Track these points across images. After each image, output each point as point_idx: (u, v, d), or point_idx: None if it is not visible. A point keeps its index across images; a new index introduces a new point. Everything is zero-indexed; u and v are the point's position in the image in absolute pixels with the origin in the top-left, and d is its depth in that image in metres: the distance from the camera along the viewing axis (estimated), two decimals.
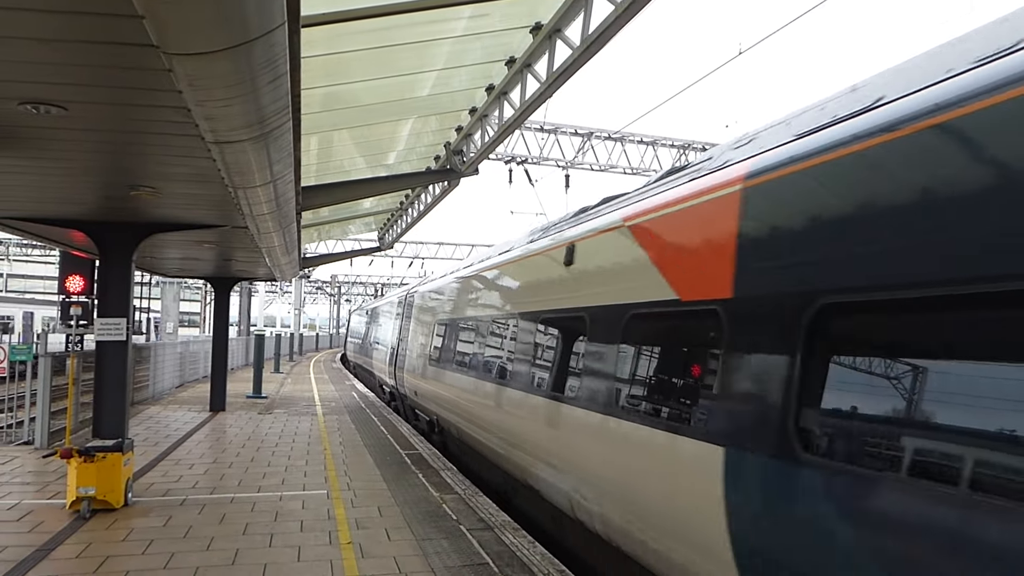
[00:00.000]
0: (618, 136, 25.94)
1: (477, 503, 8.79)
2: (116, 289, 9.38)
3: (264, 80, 4.01)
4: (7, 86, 4.34)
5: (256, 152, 5.32)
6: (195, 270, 17.69)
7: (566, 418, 6.91)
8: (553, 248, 7.95)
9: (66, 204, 8.15)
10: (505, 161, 24.70)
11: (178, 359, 23.11)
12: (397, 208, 18.85)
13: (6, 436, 12.56)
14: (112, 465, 7.98)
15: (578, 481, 6.64)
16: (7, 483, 9.21)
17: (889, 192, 3.54)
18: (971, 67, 3.46)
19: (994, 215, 3.00)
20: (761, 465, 4.08)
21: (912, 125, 3.52)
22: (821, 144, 4.14)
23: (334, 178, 12.30)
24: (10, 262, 48.85)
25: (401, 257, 51.64)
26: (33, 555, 6.49)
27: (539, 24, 7.78)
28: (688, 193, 5.38)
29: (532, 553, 6.88)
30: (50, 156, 6.04)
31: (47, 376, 11.90)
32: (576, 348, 6.95)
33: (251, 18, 3.29)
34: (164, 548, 6.80)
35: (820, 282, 3.85)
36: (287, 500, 8.75)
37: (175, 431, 14.03)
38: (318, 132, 9.81)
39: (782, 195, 4.35)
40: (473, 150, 11.56)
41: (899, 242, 3.43)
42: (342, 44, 7.23)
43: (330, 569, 6.34)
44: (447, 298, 13.97)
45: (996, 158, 3.07)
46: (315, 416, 17.09)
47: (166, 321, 41.13)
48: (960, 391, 3.13)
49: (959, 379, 3.16)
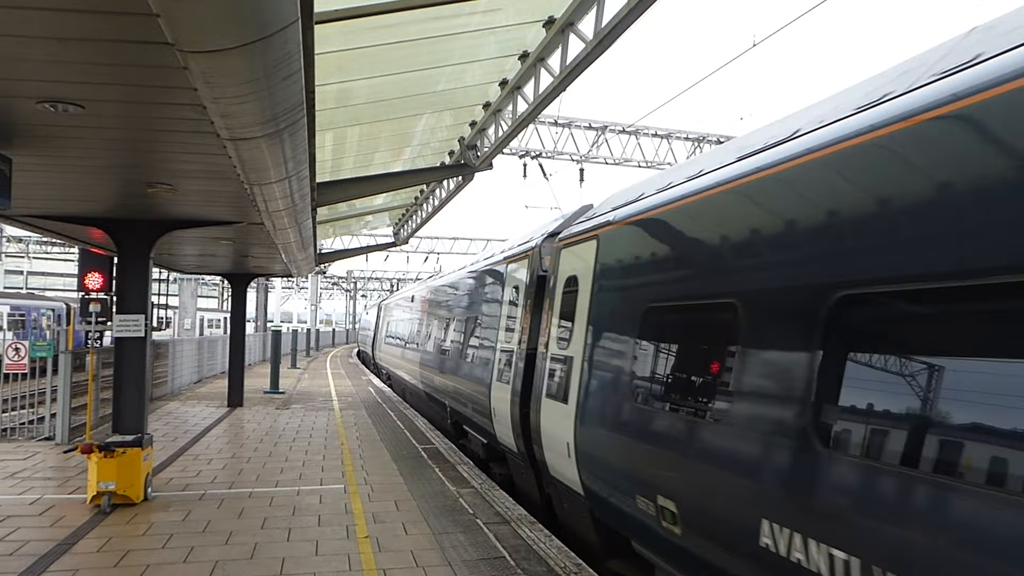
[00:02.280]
0: (632, 129, 25.84)
1: (493, 497, 8.81)
2: (134, 286, 9.46)
3: (278, 77, 4.03)
4: (25, 85, 4.39)
5: (271, 149, 5.34)
6: (212, 266, 17.81)
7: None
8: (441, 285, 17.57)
9: (84, 202, 8.22)
10: (519, 155, 24.67)
11: (196, 355, 23.29)
12: (412, 203, 18.89)
13: (28, 432, 12.72)
14: (132, 460, 8.06)
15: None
16: (29, 478, 9.33)
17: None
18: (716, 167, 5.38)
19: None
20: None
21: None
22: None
23: (349, 174, 12.33)
24: (30, 259, 49.35)
25: (416, 252, 51.72)
26: (55, 549, 6.57)
27: (552, 18, 7.75)
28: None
29: (548, 547, 6.89)
30: (68, 154, 6.10)
31: (67, 372, 12.04)
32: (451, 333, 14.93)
33: (265, 15, 3.30)
34: (184, 542, 6.87)
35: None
36: (305, 495, 8.81)
37: (194, 426, 14.15)
38: (333, 128, 9.83)
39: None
40: (487, 145, 11.55)
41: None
42: (356, 40, 7.23)
43: (347, 563, 6.38)
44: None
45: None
46: (332, 411, 17.18)
47: (184, 317, 41.42)
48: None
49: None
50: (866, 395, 3.59)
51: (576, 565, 6.37)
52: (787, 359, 4.07)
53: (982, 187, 3.11)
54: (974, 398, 3.09)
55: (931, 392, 3.24)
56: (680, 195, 5.75)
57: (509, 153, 24.08)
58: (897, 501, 3.24)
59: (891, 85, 4.01)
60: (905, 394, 3.36)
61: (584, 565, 6.39)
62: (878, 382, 3.54)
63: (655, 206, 6.15)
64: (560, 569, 6.26)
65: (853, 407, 3.62)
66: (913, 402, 3.32)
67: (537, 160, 24.76)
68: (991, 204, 3.06)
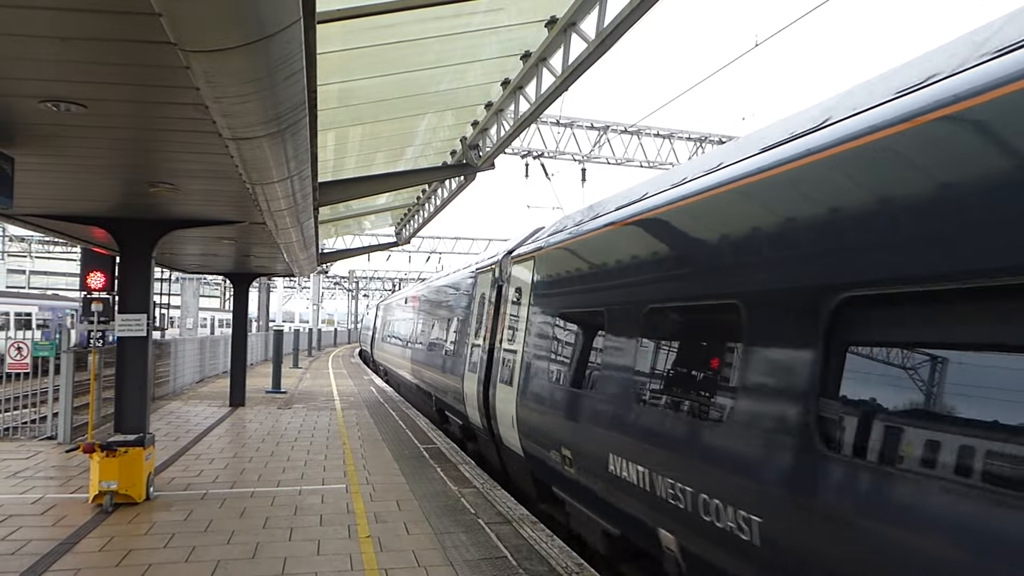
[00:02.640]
0: (634, 129, 25.82)
1: (495, 497, 8.81)
2: (136, 285, 9.46)
3: (280, 76, 4.03)
4: (28, 84, 4.39)
5: (273, 148, 5.34)
6: (214, 266, 17.82)
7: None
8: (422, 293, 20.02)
9: (86, 201, 8.23)
10: (521, 155, 24.67)
11: (198, 354, 23.31)
12: (414, 203, 18.88)
13: (30, 431, 12.74)
14: (134, 460, 8.07)
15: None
16: (31, 477, 9.34)
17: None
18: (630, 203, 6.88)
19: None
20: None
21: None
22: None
23: (351, 173, 12.32)
24: (32, 259, 49.42)
25: (418, 252, 51.72)
26: (57, 548, 6.58)
27: (554, 18, 7.75)
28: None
29: (550, 546, 6.89)
30: (70, 154, 6.10)
31: (70, 372, 12.05)
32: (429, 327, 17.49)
33: (267, 15, 3.30)
34: (186, 542, 6.88)
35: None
36: (306, 494, 8.81)
37: (196, 426, 14.16)
38: (335, 128, 9.83)
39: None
40: (489, 145, 11.55)
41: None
42: (358, 40, 7.23)
43: (349, 562, 6.38)
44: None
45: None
46: (334, 411, 17.19)
47: (186, 317, 41.42)
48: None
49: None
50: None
51: (578, 565, 6.36)
52: (625, 350, 6.27)
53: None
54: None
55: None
56: (584, 231, 7.78)
57: (511, 153, 24.09)
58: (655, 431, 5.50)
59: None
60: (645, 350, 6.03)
61: (586, 565, 6.38)
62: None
63: (565, 239, 8.38)
64: (562, 569, 6.26)
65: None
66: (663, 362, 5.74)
67: (539, 160, 24.77)
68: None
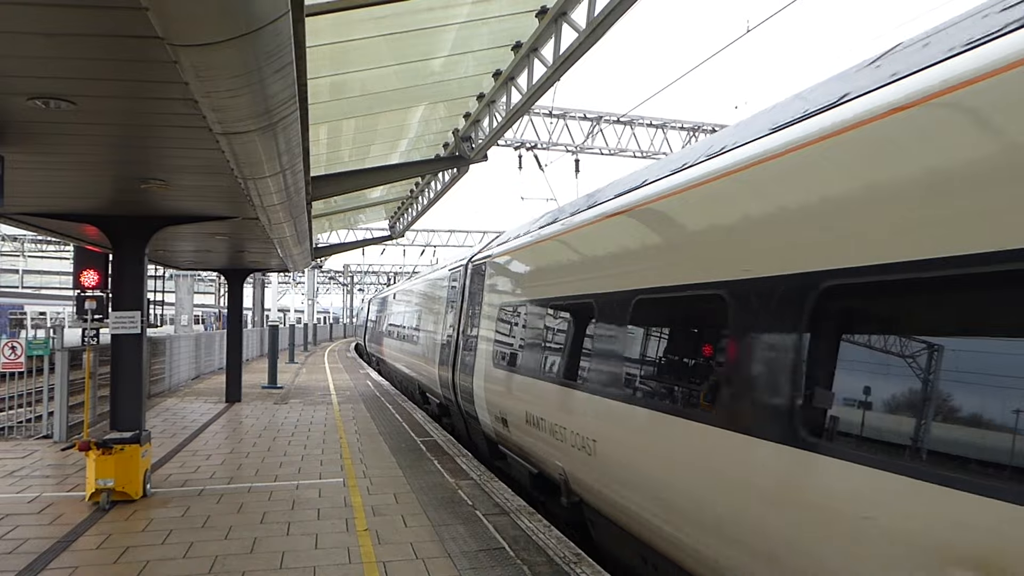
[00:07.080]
0: (627, 120, 25.80)
1: (492, 488, 8.83)
2: (130, 283, 9.42)
3: (270, 70, 4.00)
4: (15, 81, 4.36)
5: (264, 142, 5.32)
6: (208, 262, 17.77)
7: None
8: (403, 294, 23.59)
9: (77, 199, 8.19)
10: (515, 147, 24.62)
11: (193, 351, 23.27)
12: (407, 196, 18.86)
13: (26, 430, 12.70)
14: (130, 457, 8.06)
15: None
16: (27, 476, 9.33)
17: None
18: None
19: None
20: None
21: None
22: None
23: (344, 167, 12.30)
24: (25, 258, 49.24)
25: (413, 245, 51.75)
26: (54, 547, 6.58)
27: (544, 8, 7.73)
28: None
29: (548, 537, 6.91)
30: (60, 151, 6.07)
31: (64, 370, 12.01)
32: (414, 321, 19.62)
33: (255, 8, 3.28)
34: (183, 538, 6.88)
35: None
36: (304, 489, 8.82)
37: (192, 422, 14.15)
38: (327, 121, 9.80)
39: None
40: (481, 136, 11.53)
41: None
42: (348, 32, 7.20)
43: (347, 556, 6.39)
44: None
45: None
46: (330, 405, 17.19)
47: (180, 314, 41.35)
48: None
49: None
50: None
51: (575, 555, 6.38)
52: (537, 336, 8.43)
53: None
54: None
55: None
56: (522, 243, 9.63)
57: (504, 144, 24.03)
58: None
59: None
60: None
61: (583, 554, 6.40)
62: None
63: (507, 249, 10.42)
64: (559, 559, 6.28)
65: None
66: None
67: (532, 151, 24.72)
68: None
